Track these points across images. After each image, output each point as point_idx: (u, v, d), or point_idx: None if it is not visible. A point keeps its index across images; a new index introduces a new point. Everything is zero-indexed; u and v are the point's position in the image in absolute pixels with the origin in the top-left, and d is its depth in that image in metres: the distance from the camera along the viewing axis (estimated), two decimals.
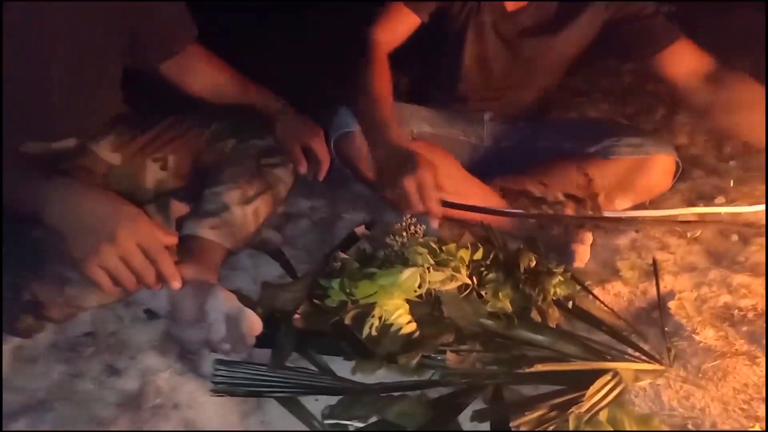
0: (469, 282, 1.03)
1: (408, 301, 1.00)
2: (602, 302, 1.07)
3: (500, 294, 1.01)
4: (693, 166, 1.59)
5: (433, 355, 0.94)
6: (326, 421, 0.86)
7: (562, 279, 1.08)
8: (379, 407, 0.87)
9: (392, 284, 1.01)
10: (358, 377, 0.94)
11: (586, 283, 1.13)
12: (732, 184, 1.48)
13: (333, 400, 0.89)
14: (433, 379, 0.93)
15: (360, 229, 1.24)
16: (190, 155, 1.20)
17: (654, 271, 1.11)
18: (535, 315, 1.02)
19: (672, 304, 1.09)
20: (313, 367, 0.95)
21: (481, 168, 1.36)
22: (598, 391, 0.83)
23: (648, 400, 0.89)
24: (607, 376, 0.86)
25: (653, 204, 1.42)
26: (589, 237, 1.18)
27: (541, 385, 0.90)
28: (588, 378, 0.88)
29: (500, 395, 0.88)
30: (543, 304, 1.03)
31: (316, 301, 1.04)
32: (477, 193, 1.28)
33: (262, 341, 0.97)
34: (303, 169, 1.22)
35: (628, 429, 0.81)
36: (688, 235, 1.32)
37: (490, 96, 1.40)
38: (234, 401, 0.89)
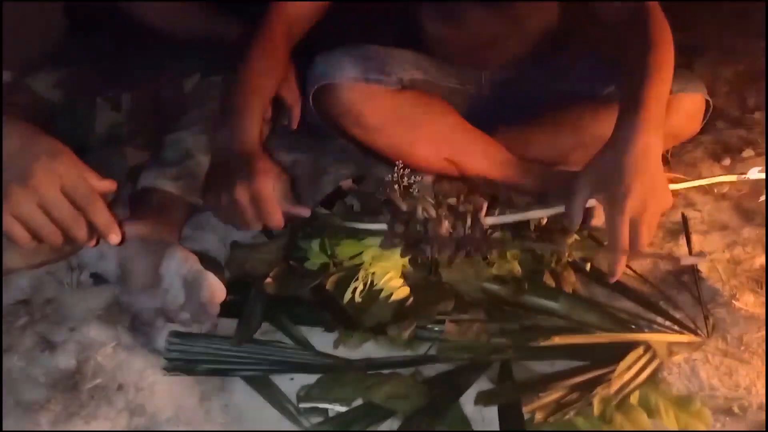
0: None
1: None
2: (627, 264, 0.92)
3: (508, 255, 0.87)
4: (715, 117, 1.43)
5: (429, 326, 0.80)
6: (302, 405, 0.72)
7: (578, 238, 0.94)
8: (366, 388, 0.72)
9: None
10: (341, 352, 0.79)
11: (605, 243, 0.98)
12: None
13: (311, 379, 0.75)
14: (430, 354, 0.79)
15: (346, 183, 1.09)
16: (147, 94, 1.04)
17: (684, 228, 0.96)
18: (548, 279, 0.88)
19: (703, 267, 0.95)
20: (288, 341, 0.81)
21: (483, 119, 1.19)
22: (630, 367, 0.69)
23: (683, 377, 0.75)
24: (639, 350, 0.72)
25: (674, 157, 1.27)
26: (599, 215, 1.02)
27: (557, 360, 0.76)
28: (613, 352, 0.74)
29: (509, 373, 0.74)
30: (557, 267, 0.89)
31: (292, 263, 0.89)
32: (480, 148, 1.12)
33: (229, 310, 0.82)
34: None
35: (664, 414, 0.68)
36: (715, 191, 1.17)
37: (478, 52, 1.20)
38: (192, 381, 0.75)
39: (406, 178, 0.93)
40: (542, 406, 0.67)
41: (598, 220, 1.03)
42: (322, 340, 0.81)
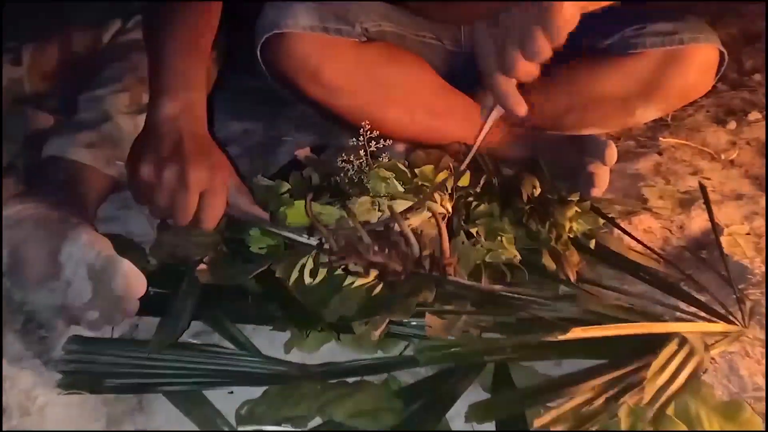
0: (447, 212, 0.73)
1: None
2: (637, 239, 0.78)
3: (503, 239, 0.71)
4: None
5: (405, 321, 0.63)
6: (243, 428, 0.55)
7: (578, 210, 0.79)
8: (325, 402, 0.56)
9: (334, 217, 0.69)
10: (295, 356, 0.63)
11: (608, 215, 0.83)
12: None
13: (256, 392, 0.58)
14: (406, 356, 0.63)
15: (303, 152, 0.92)
16: (56, 47, 0.85)
17: (703, 197, 0.82)
18: (547, 260, 0.72)
19: (723, 242, 0.80)
20: (227, 343, 0.64)
21: (462, 79, 1.03)
22: (663, 366, 0.54)
23: (721, 376, 0.61)
24: (672, 345, 0.57)
25: (675, 121, 1.13)
26: (613, 153, 0.87)
27: (565, 359, 0.61)
28: (635, 347, 0.59)
29: (507, 378, 0.58)
30: (557, 245, 0.73)
31: (233, 246, 0.72)
32: (459, 111, 0.96)
33: (153, 306, 0.65)
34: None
35: (707, 425, 0.53)
36: (722, 157, 1.04)
37: (455, 3, 1.04)
38: (97, 402, 0.58)
39: (373, 143, 0.77)
40: (556, 420, 0.51)
41: (599, 189, 0.89)
42: (269, 341, 0.65)
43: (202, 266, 0.68)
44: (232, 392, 0.60)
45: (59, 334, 0.63)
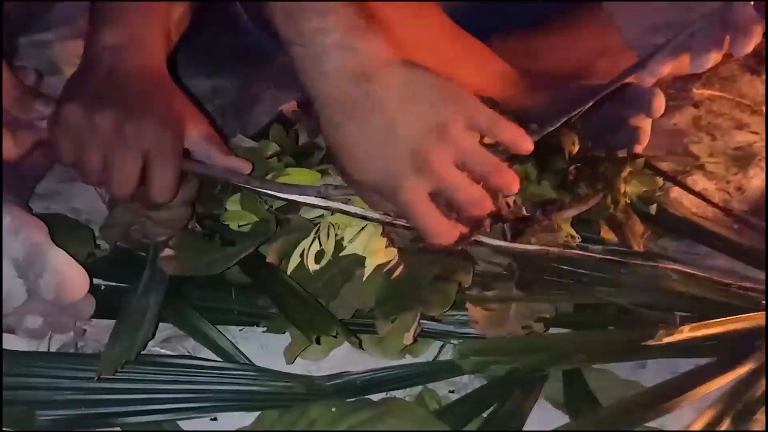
0: None
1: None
2: (709, 200, 0.65)
3: (558, 221, 0.56)
4: None
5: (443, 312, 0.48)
6: None
7: (630, 170, 0.65)
8: (340, 429, 0.41)
9: None
10: (298, 366, 0.48)
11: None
12: None
13: (248, 418, 0.43)
14: (442, 362, 0.48)
15: (289, 106, 0.76)
16: None
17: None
18: (605, 232, 0.58)
19: None
20: (207, 352, 0.48)
21: (470, 25, 0.88)
22: None
23: None
24: None
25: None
26: (661, 103, 0.73)
27: (650, 360, 0.47)
28: (734, 338, 0.45)
29: (583, 388, 0.44)
30: (616, 212, 0.59)
31: (207, 223, 0.55)
32: (474, 59, 0.82)
33: (105, 307, 0.49)
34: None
35: None
36: (762, 109, 0.91)
37: None
38: None
39: None
40: None
41: (642, 146, 0.75)
42: (262, 347, 0.49)
43: (168, 251, 0.51)
44: (215, 419, 0.45)
45: None
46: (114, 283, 0.53)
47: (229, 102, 0.95)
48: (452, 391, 0.47)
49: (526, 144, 0.46)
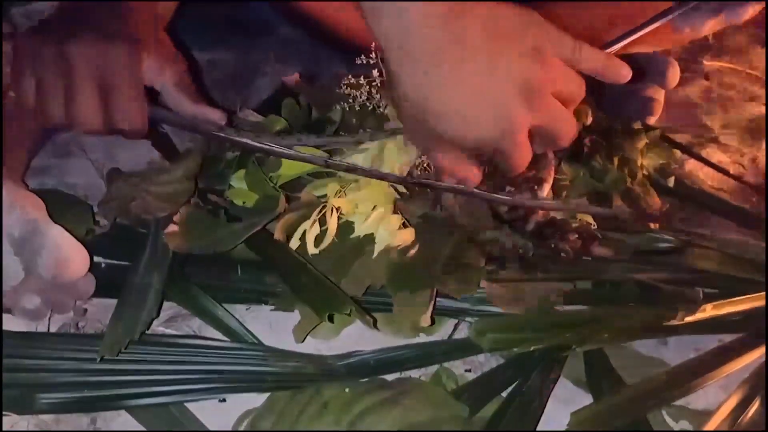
0: None
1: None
2: (727, 172, 0.63)
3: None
4: None
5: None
6: None
7: (647, 141, 0.63)
8: (360, 413, 0.40)
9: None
10: (308, 345, 0.46)
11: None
12: None
13: (258, 399, 0.41)
14: (457, 340, 0.47)
15: (292, 78, 0.72)
16: None
17: None
18: (620, 206, 0.56)
19: None
20: (212, 332, 0.46)
21: None
22: None
23: None
24: None
25: (715, 39, 0.98)
26: (676, 73, 0.71)
27: (671, 337, 0.46)
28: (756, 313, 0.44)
29: (605, 366, 0.43)
30: (633, 185, 0.57)
31: (212, 198, 0.53)
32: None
33: (106, 286, 0.47)
34: None
35: None
36: None
37: None
38: (31, 424, 0.40)
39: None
40: None
41: (655, 117, 0.73)
42: (270, 326, 0.48)
43: (173, 227, 0.49)
44: (224, 400, 0.43)
45: None
46: (114, 261, 0.51)
47: (227, 74, 0.92)
48: (468, 370, 0.45)
49: (623, 70, 0.41)
